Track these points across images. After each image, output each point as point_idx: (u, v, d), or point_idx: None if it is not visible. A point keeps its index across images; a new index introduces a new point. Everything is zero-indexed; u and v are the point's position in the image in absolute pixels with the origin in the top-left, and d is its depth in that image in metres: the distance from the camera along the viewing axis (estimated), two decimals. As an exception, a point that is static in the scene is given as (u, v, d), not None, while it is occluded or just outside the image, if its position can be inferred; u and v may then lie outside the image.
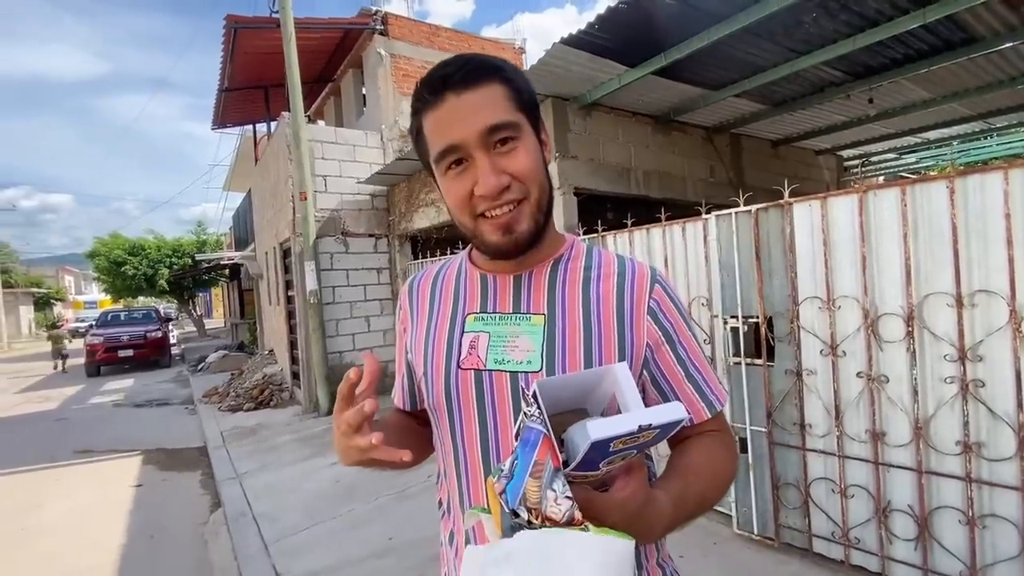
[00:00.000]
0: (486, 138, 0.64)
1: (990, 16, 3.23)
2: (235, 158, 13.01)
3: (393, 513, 3.39)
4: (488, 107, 0.65)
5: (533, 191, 0.68)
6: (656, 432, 0.48)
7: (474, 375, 0.71)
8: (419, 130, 0.70)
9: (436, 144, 0.67)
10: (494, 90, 0.66)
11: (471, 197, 0.67)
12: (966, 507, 1.99)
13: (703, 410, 0.73)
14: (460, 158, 0.66)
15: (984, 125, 5.97)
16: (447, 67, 0.66)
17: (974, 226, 1.95)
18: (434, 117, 0.66)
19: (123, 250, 18.35)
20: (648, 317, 0.72)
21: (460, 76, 0.65)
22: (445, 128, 0.65)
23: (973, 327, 1.96)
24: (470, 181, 0.66)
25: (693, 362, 0.74)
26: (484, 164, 0.65)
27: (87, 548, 3.37)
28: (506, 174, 0.65)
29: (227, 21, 6.32)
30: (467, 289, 0.78)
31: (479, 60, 0.67)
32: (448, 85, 0.65)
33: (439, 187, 0.73)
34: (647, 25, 3.12)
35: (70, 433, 6.48)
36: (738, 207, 2.67)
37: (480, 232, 0.69)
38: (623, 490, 0.53)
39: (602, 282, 0.74)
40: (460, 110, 0.65)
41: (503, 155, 0.66)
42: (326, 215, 6.41)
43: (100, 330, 12.48)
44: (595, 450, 0.47)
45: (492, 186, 0.64)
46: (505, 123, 0.65)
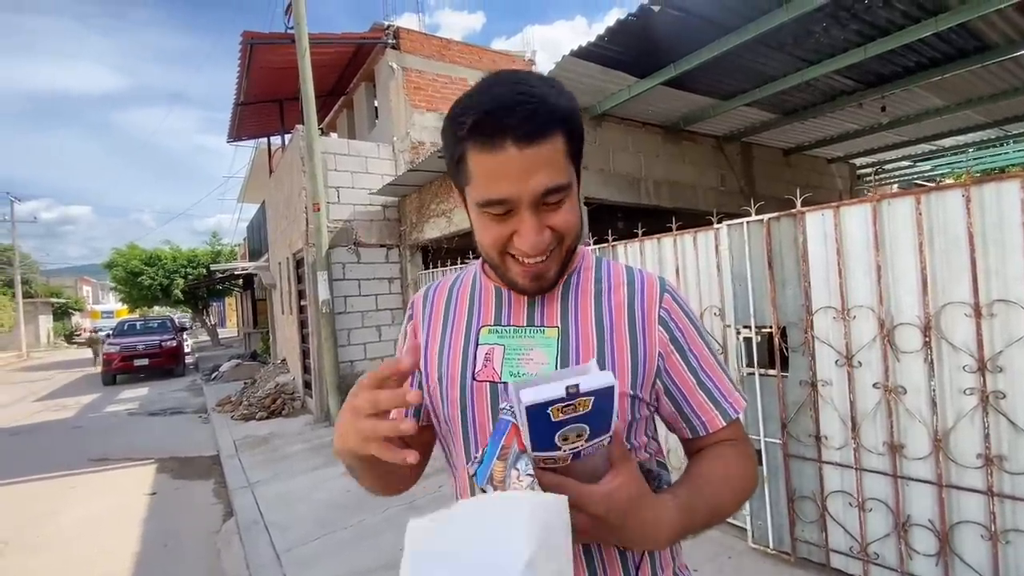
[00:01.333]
0: (539, 199, 0.63)
1: (1004, 23, 3.21)
2: (250, 170, 13.23)
3: (403, 524, 3.34)
4: (548, 168, 0.62)
5: (567, 241, 0.68)
6: (591, 399, 0.49)
7: (489, 387, 0.71)
8: (462, 157, 0.65)
9: (484, 191, 0.63)
10: (556, 145, 0.62)
11: (506, 242, 0.66)
12: (988, 522, 1.95)
13: (717, 418, 0.73)
14: (505, 210, 0.64)
15: (1000, 132, 5.90)
16: (510, 114, 0.59)
17: (991, 235, 1.93)
18: (488, 162, 0.62)
19: (140, 260, 18.65)
20: (659, 326, 0.73)
21: (525, 131, 0.60)
22: (498, 180, 0.62)
23: (992, 337, 1.93)
24: (509, 229, 0.65)
25: (705, 370, 0.74)
26: (531, 223, 0.63)
27: (102, 556, 3.40)
28: (548, 230, 0.65)
29: (244, 37, 6.47)
30: (482, 301, 0.78)
31: (547, 110, 0.61)
32: (511, 135, 0.60)
33: (469, 215, 0.71)
34: (656, 36, 3.14)
35: (86, 441, 6.56)
36: (750, 216, 2.66)
37: (507, 271, 0.70)
38: (609, 483, 0.54)
39: (613, 293, 0.75)
40: (519, 165, 0.60)
41: (549, 212, 0.65)
42: (338, 226, 6.48)
43: (116, 339, 12.66)
44: (536, 420, 0.49)
45: (535, 245, 0.64)
46: (560, 185, 0.63)
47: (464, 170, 0.65)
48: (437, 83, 7.58)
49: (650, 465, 0.70)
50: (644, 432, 0.74)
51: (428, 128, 7.28)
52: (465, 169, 0.65)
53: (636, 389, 0.71)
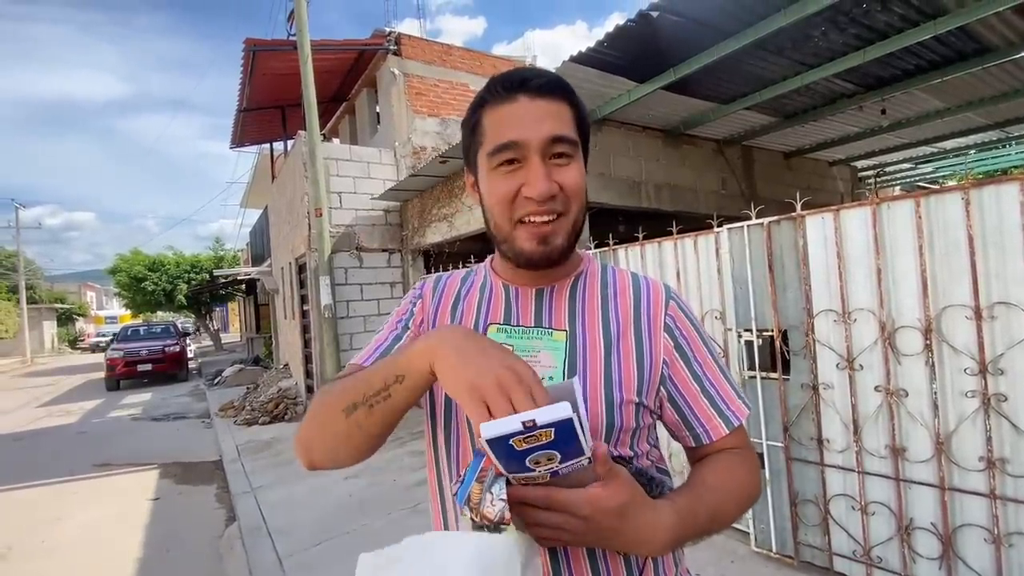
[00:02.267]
0: (547, 146, 0.66)
1: (1003, 26, 3.22)
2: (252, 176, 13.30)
3: (406, 528, 3.37)
4: (556, 118, 0.67)
5: (574, 208, 0.70)
6: (552, 430, 0.50)
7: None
8: (477, 122, 0.70)
9: (496, 137, 0.67)
10: (563, 107, 0.69)
11: (514, 198, 0.68)
12: (991, 525, 1.94)
13: (720, 426, 0.73)
14: (514, 158, 0.67)
15: (1001, 134, 5.89)
16: (525, 72, 0.69)
17: (991, 237, 1.93)
18: (502, 112, 0.68)
19: (143, 266, 18.75)
20: (664, 333, 0.73)
21: (537, 84, 0.67)
22: (511, 125, 0.67)
23: (993, 340, 1.93)
24: (518, 182, 0.67)
25: (708, 377, 0.74)
26: (538, 168, 0.66)
27: (105, 561, 3.41)
28: (555, 183, 0.67)
29: (246, 44, 6.52)
30: (491, 299, 0.79)
31: (556, 76, 0.70)
32: (524, 87, 0.67)
33: (479, 185, 0.73)
34: (656, 41, 3.15)
35: (89, 447, 6.58)
36: (750, 220, 2.66)
37: (515, 238, 0.70)
38: (597, 487, 0.55)
39: (619, 299, 0.76)
40: (530, 112, 0.66)
41: (557, 167, 0.67)
42: (341, 231, 6.51)
43: (120, 345, 12.70)
44: (500, 450, 0.50)
45: (542, 189, 0.65)
46: (568, 138, 0.67)
47: (479, 133, 0.70)
48: (438, 88, 7.62)
49: (651, 472, 0.70)
50: (647, 440, 0.74)
51: (430, 133, 7.31)
52: (480, 131, 0.70)
53: (641, 396, 0.71)
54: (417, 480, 4.17)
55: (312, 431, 0.69)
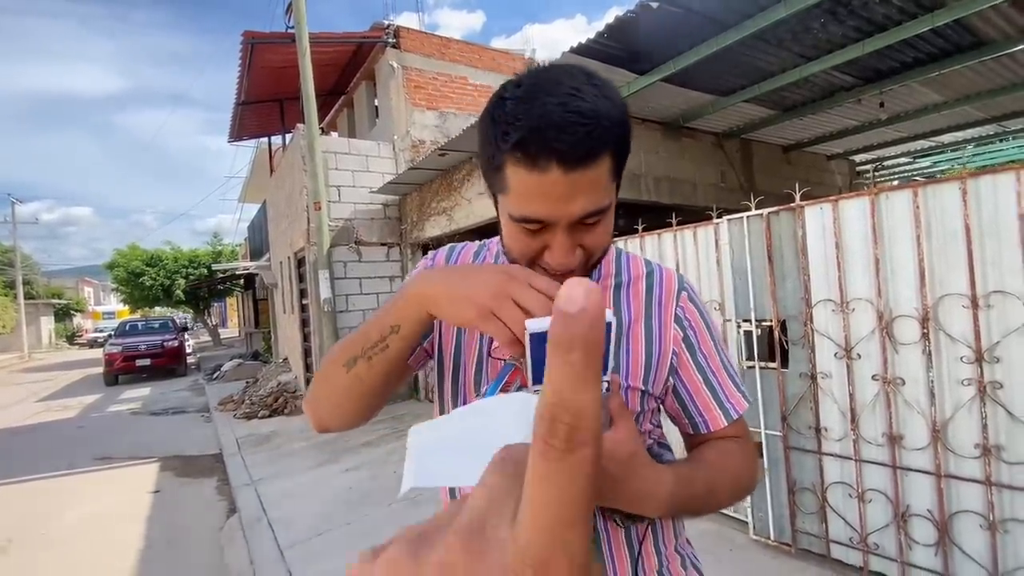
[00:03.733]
0: (577, 221, 0.60)
1: (1000, 19, 3.23)
2: (251, 170, 13.26)
3: (406, 519, 3.40)
4: (591, 192, 0.59)
5: (596, 256, 0.66)
6: None
7: (503, 366, 0.72)
8: (500, 167, 0.60)
9: (521, 207, 0.60)
10: (603, 167, 0.58)
11: (537, 255, 0.64)
12: (987, 511, 1.97)
13: (719, 417, 0.74)
14: (539, 227, 0.61)
15: (999, 128, 5.91)
16: (563, 134, 0.55)
17: (988, 227, 1.95)
18: (529, 181, 0.58)
19: (141, 261, 18.68)
20: (675, 324, 0.74)
21: (574, 156, 0.56)
22: (538, 200, 0.59)
23: (989, 328, 1.95)
24: (541, 243, 0.62)
25: (712, 369, 0.75)
26: (563, 244, 0.61)
27: (106, 553, 3.42)
28: (580, 248, 0.63)
29: (244, 37, 6.49)
30: None
31: (600, 132, 0.56)
32: (556, 158, 0.56)
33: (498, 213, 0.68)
34: (655, 33, 3.15)
35: (89, 441, 6.58)
36: (750, 211, 2.67)
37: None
38: (610, 434, 0.56)
39: (632, 286, 0.76)
40: (562, 191, 0.57)
41: (584, 230, 0.62)
42: (339, 224, 6.51)
43: (118, 340, 12.67)
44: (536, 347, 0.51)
45: (564, 265, 0.62)
46: (601, 208, 0.60)
47: (501, 179, 0.61)
48: (437, 81, 7.60)
49: (649, 445, 0.71)
50: (649, 420, 0.75)
51: (428, 127, 7.30)
52: (503, 179, 0.61)
53: (648, 384, 0.71)
54: (417, 472, 4.19)
55: (319, 389, 0.70)
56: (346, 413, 0.69)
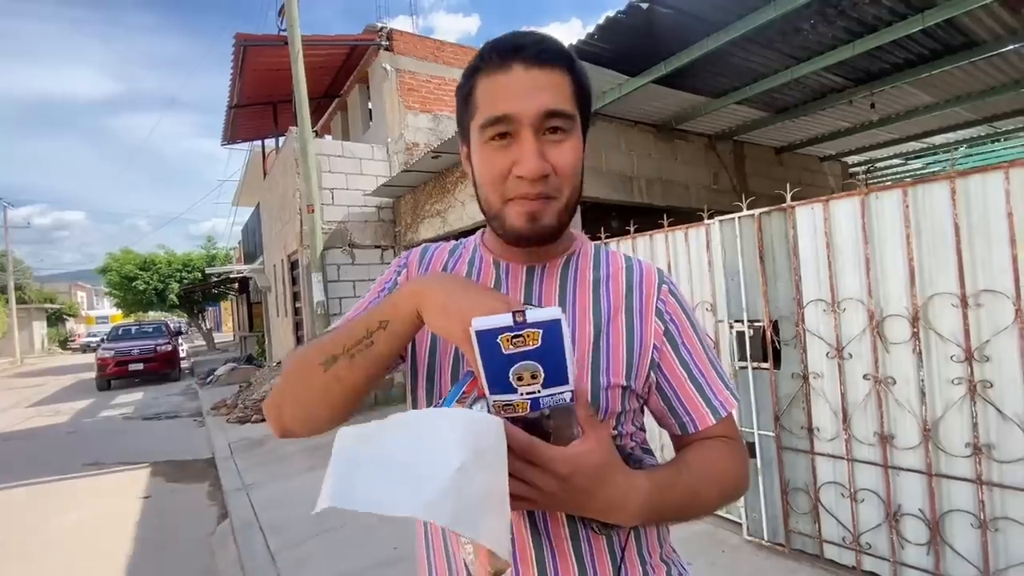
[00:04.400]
0: (541, 121, 0.62)
1: (990, 20, 3.25)
2: (244, 173, 13.21)
3: (399, 523, 3.37)
4: (552, 91, 0.63)
5: (566, 191, 0.66)
6: (540, 332, 0.49)
7: (464, 371, 0.70)
8: (471, 91, 0.66)
9: (488, 110, 0.63)
10: (561, 77, 0.64)
11: (506, 176, 0.64)
12: (978, 510, 1.96)
13: (707, 415, 0.72)
14: (506, 131, 0.63)
15: (989, 129, 5.95)
16: (522, 38, 0.64)
17: (977, 226, 1.95)
18: (495, 82, 0.63)
19: (134, 265, 18.60)
20: (656, 318, 0.72)
21: (534, 51, 0.62)
22: (504, 97, 0.62)
23: (979, 327, 1.95)
24: (510, 159, 0.63)
25: (697, 365, 0.73)
26: (531, 146, 0.62)
27: (96, 558, 3.38)
28: (548, 164, 0.63)
29: (237, 39, 6.47)
30: (480, 275, 0.76)
31: (554, 42, 0.65)
32: (519, 55, 0.62)
33: (471, 158, 0.70)
34: (646, 34, 3.16)
35: (80, 446, 6.52)
36: (741, 212, 2.68)
37: (505, 215, 0.67)
38: (578, 446, 0.54)
39: (611, 281, 0.74)
40: (524, 83, 0.62)
41: (551, 144, 0.64)
42: (333, 227, 6.49)
43: (111, 344, 12.59)
44: (487, 349, 0.49)
45: (534, 168, 0.62)
46: (563, 112, 0.63)
47: (472, 103, 0.66)
48: (431, 84, 7.60)
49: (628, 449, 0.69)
50: (632, 422, 0.73)
51: (422, 129, 7.29)
52: (473, 101, 0.65)
53: (630, 380, 0.69)
54: (411, 475, 4.17)
55: (284, 390, 0.67)
56: (316, 417, 0.66)
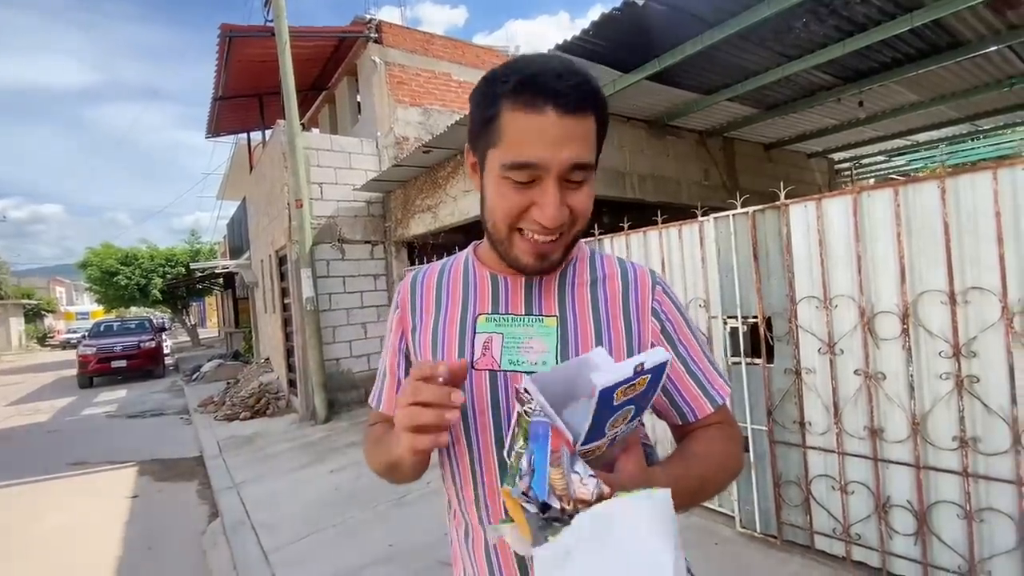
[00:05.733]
0: (566, 172, 0.63)
1: (975, 20, 3.30)
2: (229, 166, 13.00)
3: (393, 520, 3.38)
4: (581, 143, 0.63)
5: (577, 227, 0.69)
6: (648, 377, 0.50)
7: (489, 376, 0.71)
8: (495, 116, 0.64)
9: (515, 152, 0.63)
10: (590, 124, 0.64)
11: (522, 212, 0.66)
12: (964, 501, 2.02)
13: (705, 404, 0.76)
14: (530, 177, 0.63)
15: (971, 127, 6.07)
16: (560, 80, 0.61)
17: (966, 225, 1.99)
18: (526, 121, 0.62)
19: (115, 260, 18.20)
20: (652, 317, 0.75)
21: (571, 100, 0.61)
22: (533, 143, 0.62)
23: (967, 324, 1.99)
24: (529, 200, 0.64)
25: (693, 359, 0.76)
26: (554, 196, 0.63)
27: (83, 560, 3.33)
28: (567, 209, 0.65)
29: (222, 30, 6.34)
30: (477, 289, 0.78)
31: (591, 88, 0.64)
32: (556, 102, 0.61)
33: (483, 176, 0.70)
34: (640, 31, 3.16)
35: (63, 445, 6.40)
36: (734, 209, 2.70)
37: (512, 246, 0.69)
38: (625, 469, 0.57)
39: (607, 284, 0.77)
40: (556, 132, 0.61)
41: (571, 190, 0.65)
42: (322, 222, 6.41)
43: (92, 341, 12.34)
44: (602, 404, 0.49)
45: (555, 218, 0.63)
46: (588, 164, 0.64)
47: (495, 130, 0.64)
48: (420, 77, 7.53)
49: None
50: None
51: (412, 123, 7.23)
52: (496, 129, 0.64)
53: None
54: (404, 472, 4.16)
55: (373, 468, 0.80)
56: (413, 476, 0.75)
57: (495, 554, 0.73)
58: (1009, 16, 3.24)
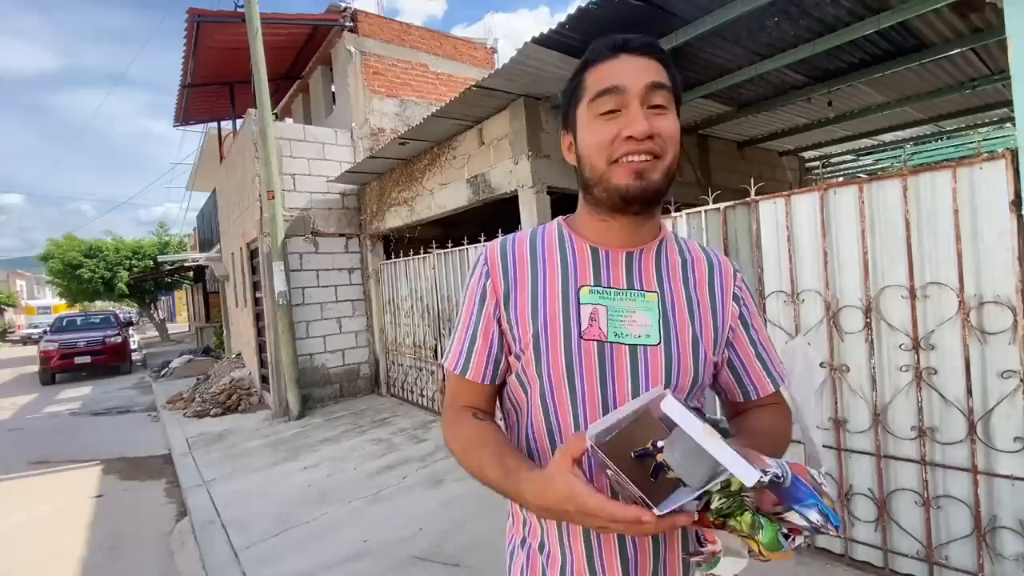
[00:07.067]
0: (647, 93, 0.70)
1: (940, 23, 3.40)
2: (199, 156, 12.63)
3: (367, 516, 3.34)
4: (654, 71, 0.71)
5: (669, 153, 0.72)
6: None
7: (597, 346, 0.74)
8: (579, 82, 0.75)
9: (599, 84, 0.72)
10: (660, 65, 0.73)
11: (614, 140, 0.71)
12: (922, 489, 2.10)
13: (768, 384, 0.84)
14: (614, 107, 0.70)
15: (935, 128, 6.27)
16: (628, 38, 0.73)
17: (926, 222, 2.06)
18: (604, 67, 0.72)
19: (79, 252, 17.54)
20: (733, 302, 0.82)
21: (638, 43, 0.72)
22: (612, 74, 0.71)
23: (926, 318, 2.06)
24: (617, 127, 0.70)
25: (761, 343, 0.84)
26: (638, 111, 0.70)
27: (44, 561, 3.22)
28: (653, 128, 0.70)
29: (189, 14, 6.13)
30: (576, 261, 0.79)
31: (658, 47, 0.74)
32: (626, 47, 0.72)
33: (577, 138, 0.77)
34: (617, 26, 3.16)
35: (24, 444, 6.16)
36: (706, 205, 2.73)
37: (609, 176, 0.72)
38: None
39: (696, 267, 0.83)
40: (631, 66, 0.71)
41: (655, 116, 0.71)
42: (295, 214, 6.28)
43: (55, 336, 11.89)
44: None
45: (642, 129, 0.68)
46: (666, 85, 0.71)
47: (579, 89, 0.75)
48: (397, 68, 7.41)
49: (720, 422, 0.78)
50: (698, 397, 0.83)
51: (388, 114, 7.12)
52: (580, 87, 0.75)
53: (717, 355, 0.80)
54: (379, 468, 4.12)
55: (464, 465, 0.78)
56: None
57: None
58: (972, 19, 3.34)
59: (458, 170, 4.87)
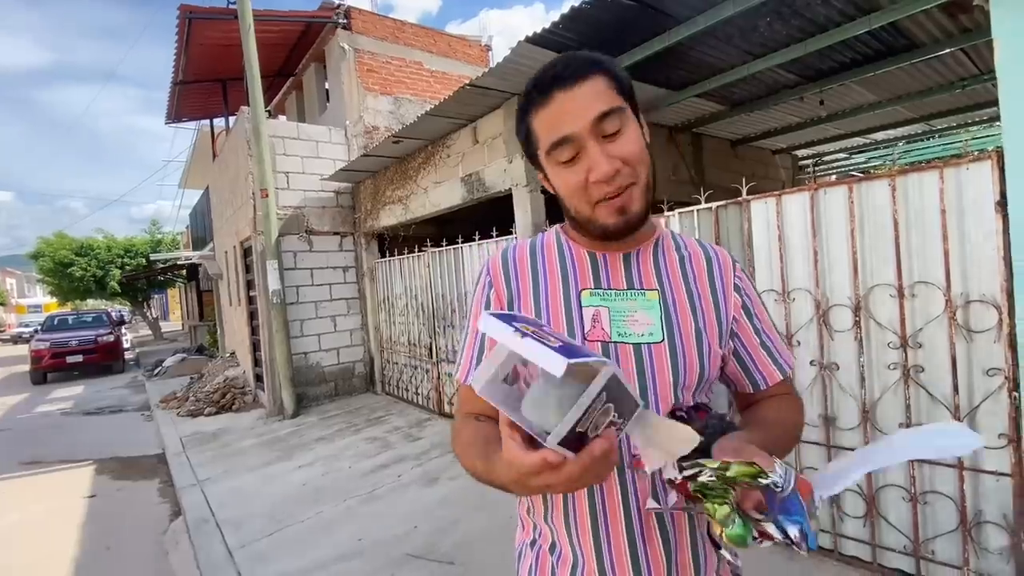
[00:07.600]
0: (596, 127, 0.68)
1: (930, 24, 3.43)
2: (191, 154, 12.55)
3: (362, 515, 3.35)
4: (595, 98, 0.68)
5: (641, 173, 0.72)
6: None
7: (601, 347, 0.75)
8: (528, 131, 0.74)
9: (548, 138, 0.71)
10: (598, 82, 0.69)
11: (586, 186, 0.70)
12: (909, 485, 2.13)
13: (775, 373, 0.83)
14: (572, 154, 0.70)
15: (926, 127, 6.32)
16: (554, 67, 0.70)
17: (914, 221, 2.08)
18: (545, 114, 0.71)
19: (70, 250, 17.39)
20: (734, 293, 0.82)
21: (567, 73, 0.69)
22: (556, 123, 0.69)
23: (913, 316, 2.09)
24: (583, 171, 0.70)
25: (766, 332, 0.84)
26: (596, 152, 0.68)
27: (36, 562, 3.21)
28: (616, 159, 0.69)
29: (181, 11, 6.08)
30: (575, 266, 0.81)
31: (582, 56, 0.71)
32: (556, 84, 0.69)
33: (551, 181, 0.77)
34: (611, 25, 3.17)
35: (15, 444, 6.12)
36: (699, 204, 2.75)
37: (596, 217, 0.73)
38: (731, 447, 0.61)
39: (694, 261, 0.83)
40: (569, 105, 0.68)
41: (612, 142, 0.69)
42: (289, 213, 6.26)
43: (46, 335, 11.80)
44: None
45: (605, 171, 0.68)
46: (612, 109, 0.69)
47: (533, 139, 0.74)
48: (391, 66, 7.39)
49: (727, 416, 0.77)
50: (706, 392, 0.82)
51: (382, 112, 7.10)
52: (533, 138, 0.74)
53: (723, 347, 0.80)
54: (373, 466, 4.13)
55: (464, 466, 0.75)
56: None
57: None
58: (961, 20, 3.37)
59: (452, 168, 4.87)
